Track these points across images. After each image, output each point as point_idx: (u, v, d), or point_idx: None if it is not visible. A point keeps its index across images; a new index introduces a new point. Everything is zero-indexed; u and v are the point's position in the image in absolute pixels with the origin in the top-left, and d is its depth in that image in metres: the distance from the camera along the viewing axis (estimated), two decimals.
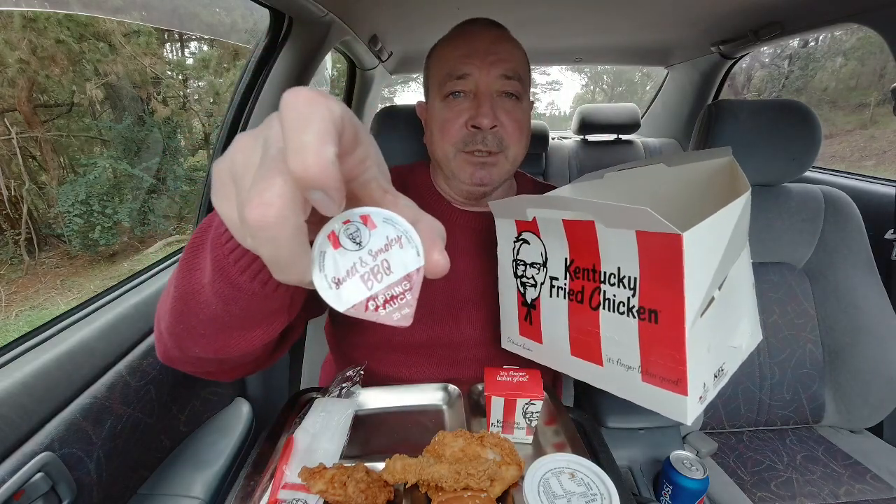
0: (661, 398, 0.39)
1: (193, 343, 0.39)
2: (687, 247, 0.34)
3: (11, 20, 3.58)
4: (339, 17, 1.02)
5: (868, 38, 6.15)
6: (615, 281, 0.41)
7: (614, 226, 0.39)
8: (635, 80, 12.44)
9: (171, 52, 5.17)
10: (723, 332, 0.43)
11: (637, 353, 0.40)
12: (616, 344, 0.42)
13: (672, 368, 0.37)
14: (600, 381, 0.45)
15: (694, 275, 0.35)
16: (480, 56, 0.59)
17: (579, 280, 0.44)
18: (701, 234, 0.35)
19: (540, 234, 0.48)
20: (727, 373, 0.44)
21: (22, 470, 0.47)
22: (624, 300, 0.40)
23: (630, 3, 1.17)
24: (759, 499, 0.78)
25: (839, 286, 0.92)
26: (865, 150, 6.18)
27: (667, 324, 0.37)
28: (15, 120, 3.86)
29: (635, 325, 0.39)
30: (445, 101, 0.61)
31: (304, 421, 0.53)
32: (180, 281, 0.36)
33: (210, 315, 0.35)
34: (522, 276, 0.52)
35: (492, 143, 0.61)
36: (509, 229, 0.53)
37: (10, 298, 3.64)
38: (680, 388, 0.37)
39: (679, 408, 0.38)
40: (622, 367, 0.42)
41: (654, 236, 0.36)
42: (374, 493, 0.41)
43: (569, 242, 0.45)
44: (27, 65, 3.74)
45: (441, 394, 0.60)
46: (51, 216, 4.08)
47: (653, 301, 0.38)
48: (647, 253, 0.37)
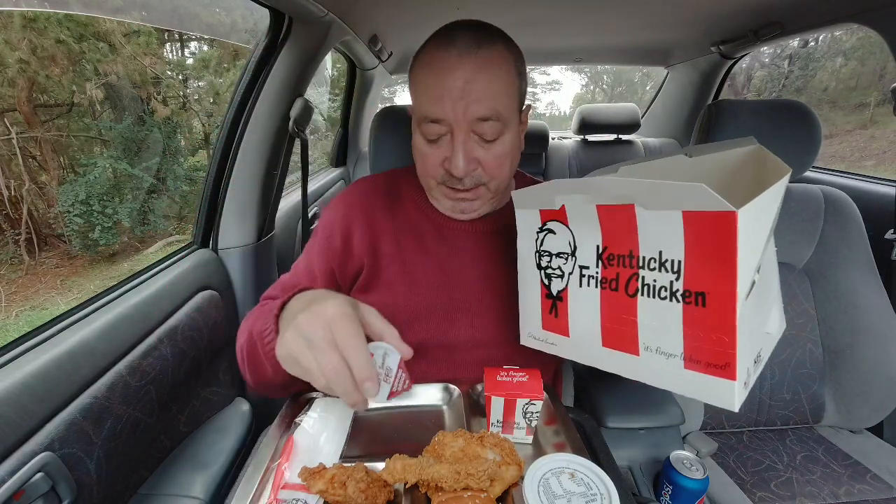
0: (705, 385, 0.38)
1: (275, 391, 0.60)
2: (741, 224, 0.33)
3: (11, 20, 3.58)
4: (339, 17, 1.02)
5: (868, 38, 6.15)
6: (656, 265, 0.39)
7: (656, 207, 0.38)
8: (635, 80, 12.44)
9: (171, 52, 5.16)
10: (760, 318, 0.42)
11: (680, 339, 0.39)
12: (655, 331, 0.41)
13: (720, 353, 0.36)
14: (636, 372, 0.43)
15: (745, 255, 0.34)
16: (453, 99, 0.55)
17: (613, 267, 0.43)
18: (753, 213, 0.35)
19: (568, 222, 0.47)
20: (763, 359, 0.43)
21: (22, 470, 0.47)
22: (666, 284, 0.39)
23: (630, 3, 1.17)
24: (759, 499, 0.78)
25: (839, 286, 0.92)
26: (865, 150, 6.18)
27: (716, 306, 0.36)
28: (15, 120, 3.86)
29: (679, 309, 0.38)
30: (423, 136, 0.60)
31: (304, 421, 0.53)
32: (253, 370, 0.59)
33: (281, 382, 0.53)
34: (547, 267, 0.50)
35: (469, 182, 0.60)
36: (532, 220, 0.51)
37: (10, 298, 3.64)
38: (728, 373, 0.36)
39: (726, 394, 0.37)
40: (662, 355, 0.40)
41: (703, 216, 0.35)
42: (374, 493, 0.41)
43: (602, 229, 0.43)
44: (27, 65, 3.74)
45: (441, 394, 0.60)
46: (51, 216, 4.08)
47: (700, 283, 0.36)
48: (695, 234, 0.36)
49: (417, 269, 0.67)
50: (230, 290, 1.04)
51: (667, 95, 2.27)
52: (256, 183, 1.04)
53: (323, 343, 0.41)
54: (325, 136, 4.28)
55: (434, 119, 0.57)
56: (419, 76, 0.59)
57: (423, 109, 0.58)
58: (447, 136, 0.58)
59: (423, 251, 0.67)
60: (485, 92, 0.55)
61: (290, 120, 1.04)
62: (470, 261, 0.68)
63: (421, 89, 0.58)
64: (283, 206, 1.33)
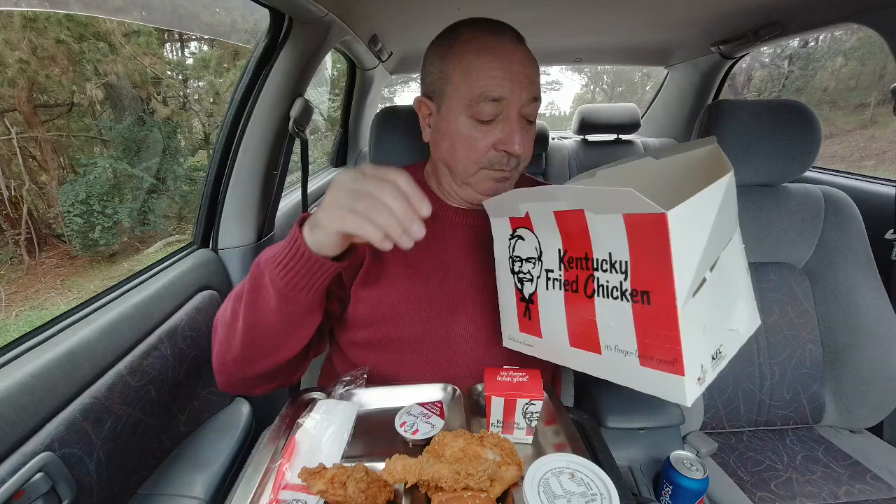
0: (659, 381, 0.39)
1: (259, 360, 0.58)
2: (672, 225, 0.35)
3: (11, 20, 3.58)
4: (339, 17, 1.02)
5: (868, 38, 6.15)
6: (607, 266, 0.41)
7: (602, 211, 0.40)
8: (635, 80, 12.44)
9: (171, 52, 5.16)
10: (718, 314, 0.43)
11: (633, 337, 0.40)
12: (613, 330, 0.42)
13: (668, 349, 0.38)
14: (600, 371, 0.45)
15: (682, 253, 0.36)
16: (516, 79, 0.59)
17: (573, 269, 0.45)
18: (685, 213, 0.36)
19: (533, 228, 0.49)
20: (726, 356, 0.44)
21: (22, 470, 0.47)
22: (617, 284, 0.41)
23: (630, 3, 1.17)
24: (759, 499, 0.78)
25: (839, 286, 0.92)
26: (865, 150, 6.18)
27: (659, 304, 0.37)
28: (15, 120, 3.86)
29: (629, 308, 0.40)
30: (473, 120, 0.61)
31: (306, 422, 0.53)
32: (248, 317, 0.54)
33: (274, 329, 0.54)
34: (519, 272, 0.53)
35: (514, 163, 0.64)
36: (504, 228, 0.54)
37: (10, 298, 3.64)
38: (676, 369, 0.37)
39: (677, 389, 0.38)
40: (620, 353, 0.42)
41: (641, 218, 0.36)
42: (374, 493, 0.41)
43: (561, 233, 0.46)
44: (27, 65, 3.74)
45: (441, 394, 0.60)
46: (51, 216, 4.08)
47: (644, 282, 0.38)
48: (636, 235, 0.38)
49: (419, 263, 0.67)
50: (230, 291, 1.04)
51: (667, 95, 2.27)
52: (256, 183, 1.04)
53: (371, 180, 0.44)
54: (324, 136, 4.28)
55: (495, 98, 0.59)
56: (472, 60, 0.60)
57: (481, 89, 0.59)
58: (500, 116, 0.60)
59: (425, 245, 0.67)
60: (533, 77, 0.61)
61: (290, 120, 1.04)
62: (468, 255, 0.68)
63: (477, 71, 0.60)
64: (283, 206, 1.33)
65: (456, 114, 0.62)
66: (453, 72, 0.61)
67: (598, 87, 13.78)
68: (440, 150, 0.66)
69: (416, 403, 0.55)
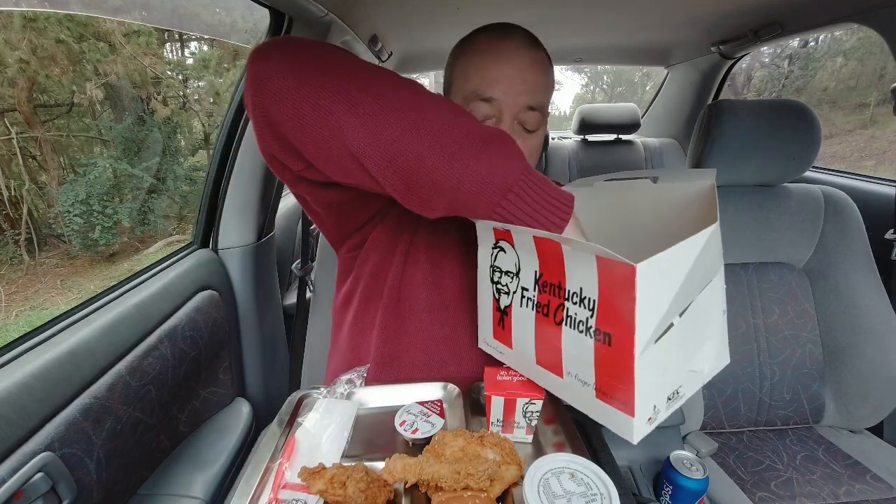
0: (612, 416, 0.41)
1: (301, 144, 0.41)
2: (640, 278, 0.35)
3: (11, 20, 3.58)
4: (339, 17, 1.02)
5: (868, 38, 6.15)
6: (577, 300, 0.42)
7: (577, 248, 0.40)
8: (635, 80, 12.44)
9: (171, 52, 5.17)
10: (682, 357, 0.44)
11: (592, 371, 0.41)
12: (575, 360, 0.43)
13: (622, 390, 0.39)
14: (561, 392, 0.47)
15: (647, 305, 0.36)
16: (511, 82, 0.58)
17: (546, 294, 0.46)
18: (657, 266, 0.36)
19: (514, 244, 0.49)
20: (683, 395, 0.45)
21: (22, 470, 0.47)
22: (583, 319, 0.41)
23: (630, 3, 1.17)
24: (759, 499, 0.78)
25: (839, 286, 0.92)
26: (865, 150, 6.18)
27: (618, 348, 0.38)
28: (15, 120, 3.86)
29: (592, 344, 0.41)
30: None
31: (306, 421, 0.53)
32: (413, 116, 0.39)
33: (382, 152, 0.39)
34: (498, 282, 0.53)
35: None
36: (488, 235, 0.54)
37: (10, 298, 3.64)
38: (628, 409, 0.39)
39: (627, 427, 0.40)
40: (579, 381, 0.43)
41: (613, 263, 0.37)
42: (373, 492, 0.41)
43: (539, 257, 0.46)
44: (27, 65, 3.74)
45: (441, 393, 0.60)
46: (51, 216, 4.09)
47: (608, 324, 0.39)
48: (606, 278, 0.38)
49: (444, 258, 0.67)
50: (230, 290, 1.04)
51: (667, 95, 2.27)
52: (256, 183, 1.04)
53: None
54: None
55: (486, 97, 0.58)
56: (472, 60, 0.60)
57: (473, 87, 0.59)
58: (492, 120, 0.60)
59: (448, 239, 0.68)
60: (535, 84, 0.59)
61: None
62: (469, 250, 0.68)
63: (474, 71, 0.60)
64: (283, 206, 1.33)
65: None
66: (456, 71, 0.62)
67: (598, 87, 13.78)
68: None
69: (415, 402, 0.55)
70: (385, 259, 0.67)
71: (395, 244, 0.67)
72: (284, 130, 0.41)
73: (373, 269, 0.67)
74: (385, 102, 0.39)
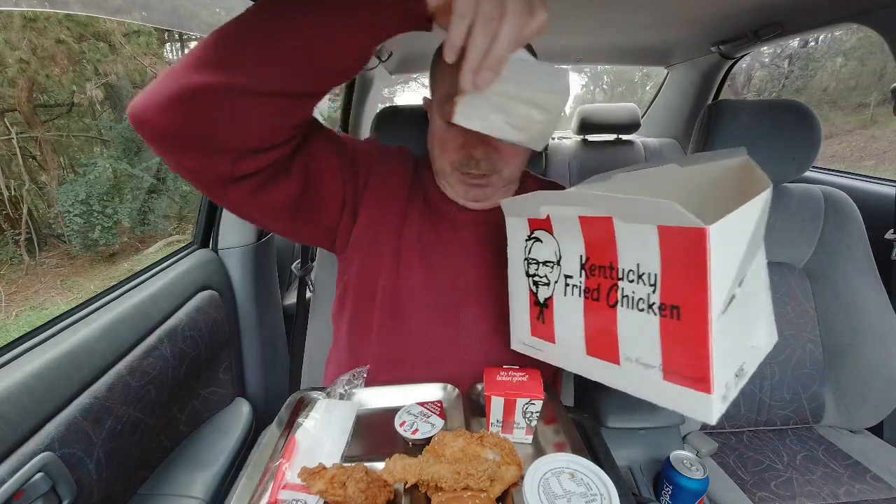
0: (683, 397, 0.38)
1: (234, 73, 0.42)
2: (712, 240, 0.34)
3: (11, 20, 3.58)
4: None
5: (868, 38, 6.15)
6: (634, 277, 0.40)
7: (634, 221, 0.38)
8: (635, 80, 12.44)
9: (172, 52, 5.16)
10: (743, 331, 0.42)
11: (658, 350, 0.39)
12: (635, 342, 0.41)
13: (695, 366, 0.37)
14: (617, 381, 0.44)
15: (718, 270, 0.35)
16: None
17: (595, 277, 0.44)
18: (725, 228, 0.35)
19: (553, 231, 0.47)
20: (747, 373, 0.43)
21: (22, 470, 0.47)
22: (643, 297, 0.39)
23: (630, 3, 1.16)
24: (759, 499, 0.78)
25: (839, 286, 0.92)
26: (865, 150, 6.18)
27: (690, 320, 0.36)
28: (15, 120, 3.86)
29: (656, 321, 0.39)
30: (443, 121, 0.61)
31: (306, 421, 0.53)
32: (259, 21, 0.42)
33: (292, 43, 0.41)
34: (535, 274, 0.51)
35: (485, 167, 0.62)
36: (521, 228, 0.52)
37: (10, 298, 3.64)
38: (703, 387, 0.36)
39: (703, 407, 0.37)
40: (641, 365, 0.41)
41: (677, 231, 0.35)
42: (373, 493, 0.41)
43: (585, 239, 0.44)
44: (27, 65, 3.74)
45: (441, 393, 0.60)
46: (51, 216, 4.09)
47: (675, 297, 0.37)
48: (670, 248, 0.37)
49: (434, 253, 0.67)
50: (230, 290, 1.04)
51: (667, 95, 2.27)
52: None
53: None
54: None
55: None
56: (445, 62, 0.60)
57: (447, 88, 0.59)
58: None
59: (439, 236, 0.68)
60: None
61: None
62: (475, 251, 0.68)
63: (448, 70, 0.59)
64: None
65: (434, 112, 0.64)
66: (436, 73, 0.63)
67: (598, 87, 13.78)
68: (430, 149, 0.68)
69: (415, 403, 0.55)
70: (370, 259, 0.67)
71: (379, 244, 0.66)
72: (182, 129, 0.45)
73: (358, 270, 0.67)
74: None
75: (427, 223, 0.68)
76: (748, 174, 0.47)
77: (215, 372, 0.92)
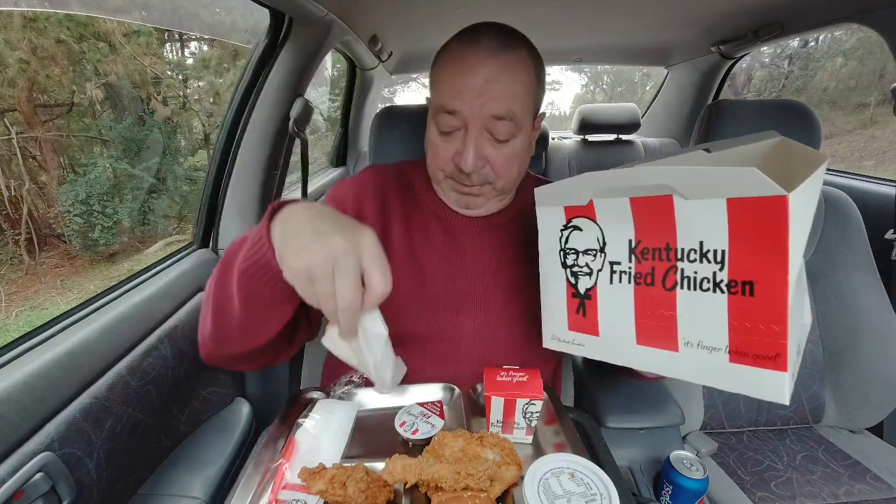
0: (754, 378, 0.36)
1: (229, 343, 0.55)
2: (792, 208, 0.32)
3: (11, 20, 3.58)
4: (339, 17, 1.02)
5: (868, 38, 6.15)
6: (696, 256, 0.38)
7: (698, 196, 0.37)
8: (635, 80, 12.44)
9: (171, 52, 5.16)
10: (800, 307, 0.41)
11: (725, 331, 0.37)
12: (697, 325, 0.39)
13: (770, 343, 0.35)
14: (675, 370, 0.42)
15: (795, 239, 0.33)
16: (472, 95, 0.56)
17: (648, 261, 0.42)
18: (802, 196, 0.34)
19: (596, 217, 0.45)
20: (801, 351, 0.41)
21: (22, 470, 0.47)
22: (708, 276, 0.37)
23: (630, 3, 1.17)
24: (759, 499, 0.78)
25: (839, 286, 0.92)
26: (865, 150, 6.18)
27: (766, 294, 0.35)
28: (15, 120, 3.86)
29: (724, 300, 0.37)
30: (437, 130, 0.61)
31: (306, 422, 0.53)
32: (216, 297, 0.52)
33: (235, 315, 0.50)
34: (574, 265, 0.48)
35: (476, 179, 0.61)
36: (556, 217, 0.49)
37: (10, 298, 3.64)
38: (779, 364, 0.35)
39: (777, 386, 0.35)
40: (704, 349, 0.39)
41: (750, 202, 0.34)
42: (374, 493, 0.41)
43: (635, 222, 0.42)
44: (27, 65, 3.74)
45: (441, 394, 0.60)
46: (51, 216, 4.08)
47: (748, 272, 0.35)
48: (741, 221, 0.35)
49: (425, 261, 0.67)
50: None
51: (667, 95, 2.27)
52: (256, 183, 1.04)
53: (349, 272, 0.39)
54: (324, 136, 4.28)
55: (449, 110, 0.58)
56: (442, 70, 0.60)
57: (440, 100, 0.59)
58: (460, 130, 0.59)
59: (431, 242, 0.68)
60: (503, 92, 0.56)
61: (290, 120, 1.04)
62: (474, 254, 0.68)
63: (441, 82, 0.60)
64: None
65: (429, 121, 0.64)
66: (433, 80, 0.63)
67: (598, 87, 13.78)
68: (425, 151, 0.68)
69: (415, 403, 0.55)
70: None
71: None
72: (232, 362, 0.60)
73: None
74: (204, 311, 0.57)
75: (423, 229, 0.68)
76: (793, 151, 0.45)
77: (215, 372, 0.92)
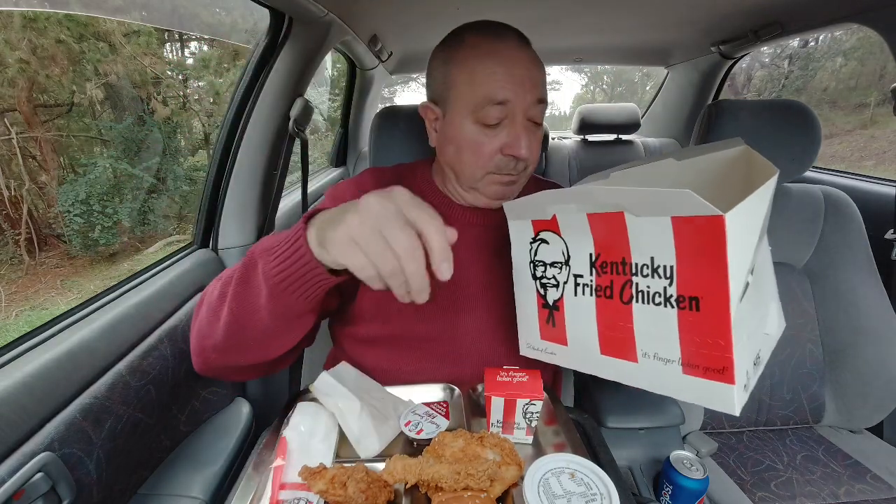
0: (705, 390, 0.38)
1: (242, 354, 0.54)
2: (729, 227, 0.33)
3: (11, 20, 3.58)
4: (339, 17, 1.02)
5: (868, 38, 6.15)
6: (648, 272, 0.39)
7: (646, 214, 0.38)
8: (635, 80, 12.44)
9: (171, 52, 5.16)
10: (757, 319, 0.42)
11: (677, 344, 0.38)
12: (652, 337, 0.40)
13: (717, 357, 0.36)
14: (635, 379, 0.43)
15: (735, 257, 0.34)
16: (519, 82, 0.58)
17: (607, 275, 0.43)
18: (741, 215, 0.35)
19: (560, 231, 0.47)
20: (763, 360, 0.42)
21: (22, 470, 0.47)
22: (660, 290, 0.39)
23: (630, 3, 1.17)
24: (759, 499, 0.78)
25: (839, 286, 0.92)
26: (865, 150, 6.18)
27: (710, 310, 0.36)
28: (15, 120, 3.86)
29: (674, 315, 0.38)
30: (478, 125, 0.60)
31: (292, 419, 0.53)
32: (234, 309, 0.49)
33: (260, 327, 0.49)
34: (542, 276, 0.50)
35: (521, 167, 0.63)
36: (525, 231, 0.51)
37: (10, 298, 3.64)
38: (726, 377, 0.36)
39: (726, 398, 0.37)
40: (660, 361, 0.40)
41: (692, 221, 0.35)
42: (374, 493, 0.41)
43: (594, 237, 0.43)
44: (27, 65, 3.74)
45: (441, 394, 0.60)
46: (51, 216, 4.08)
47: (693, 288, 0.36)
48: (685, 239, 0.36)
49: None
50: None
51: (667, 95, 2.27)
52: (256, 183, 1.04)
53: (401, 232, 0.37)
54: (324, 136, 4.28)
55: (499, 100, 0.58)
56: (476, 65, 0.60)
57: (485, 93, 0.59)
58: (506, 120, 0.60)
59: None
60: (539, 80, 0.61)
61: (290, 120, 1.04)
62: (476, 254, 0.68)
63: (480, 75, 0.59)
64: (283, 206, 1.33)
65: (461, 119, 0.61)
66: (457, 77, 0.61)
67: (598, 87, 13.78)
68: (446, 155, 0.65)
69: (421, 403, 0.55)
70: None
71: None
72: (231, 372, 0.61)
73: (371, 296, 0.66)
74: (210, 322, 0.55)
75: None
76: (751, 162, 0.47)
77: None
